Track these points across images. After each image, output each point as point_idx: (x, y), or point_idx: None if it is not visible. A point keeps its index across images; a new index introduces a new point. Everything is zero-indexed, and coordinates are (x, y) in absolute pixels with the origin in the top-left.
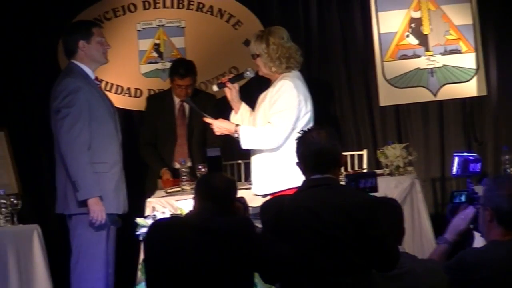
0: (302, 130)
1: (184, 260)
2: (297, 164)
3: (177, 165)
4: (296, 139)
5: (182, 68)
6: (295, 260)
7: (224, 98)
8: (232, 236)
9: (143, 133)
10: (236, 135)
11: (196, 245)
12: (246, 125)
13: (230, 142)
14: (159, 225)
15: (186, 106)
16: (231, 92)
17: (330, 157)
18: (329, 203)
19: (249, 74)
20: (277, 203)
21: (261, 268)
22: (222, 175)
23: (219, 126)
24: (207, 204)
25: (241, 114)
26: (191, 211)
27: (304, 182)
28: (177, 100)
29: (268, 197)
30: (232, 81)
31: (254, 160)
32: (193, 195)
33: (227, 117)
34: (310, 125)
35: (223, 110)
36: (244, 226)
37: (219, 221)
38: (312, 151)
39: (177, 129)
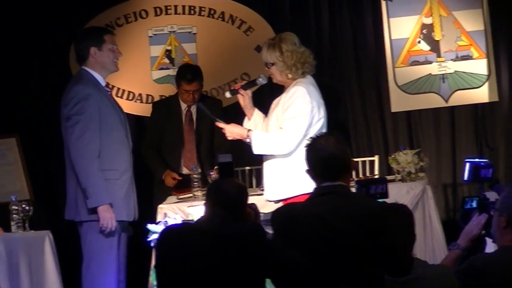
0: (311, 137)
1: (195, 266)
2: (307, 171)
3: (185, 171)
4: (305, 146)
5: (189, 73)
6: (306, 266)
7: (236, 104)
8: (243, 242)
9: (146, 138)
10: (248, 140)
11: (207, 251)
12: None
13: (241, 148)
14: (170, 231)
15: (193, 111)
16: (244, 98)
17: (340, 163)
18: (340, 211)
19: (262, 81)
20: (288, 211)
21: (272, 274)
22: (233, 181)
23: (231, 131)
24: (218, 210)
25: (254, 120)
26: (202, 217)
27: (315, 189)
28: (183, 106)
29: (280, 203)
30: (244, 87)
31: (266, 165)
32: (204, 201)
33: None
34: (323, 131)
35: (234, 116)
36: (255, 232)
37: (230, 227)
38: (321, 158)
39: (185, 135)
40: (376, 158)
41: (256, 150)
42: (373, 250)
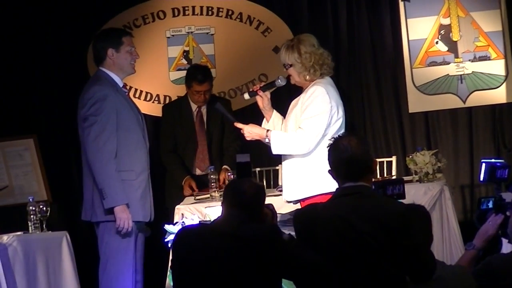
0: (333, 138)
1: (212, 267)
2: (329, 171)
3: (198, 171)
4: (327, 146)
5: (199, 73)
6: (324, 266)
7: (254, 106)
8: (259, 243)
9: (162, 143)
10: (267, 140)
11: (224, 252)
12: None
13: (259, 148)
14: (186, 232)
15: (204, 112)
16: (263, 100)
17: (362, 164)
18: (363, 212)
19: (280, 82)
20: (310, 211)
21: (289, 274)
22: (250, 181)
23: (250, 131)
24: (235, 210)
25: (272, 122)
26: (218, 217)
27: (337, 190)
28: (194, 107)
29: (299, 204)
30: (263, 89)
31: (285, 166)
32: (221, 201)
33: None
34: (342, 131)
35: (251, 117)
36: (271, 233)
37: (246, 228)
38: (344, 159)
39: (197, 136)
40: (393, 159)
41: (275, 150)
42: (395, 251)
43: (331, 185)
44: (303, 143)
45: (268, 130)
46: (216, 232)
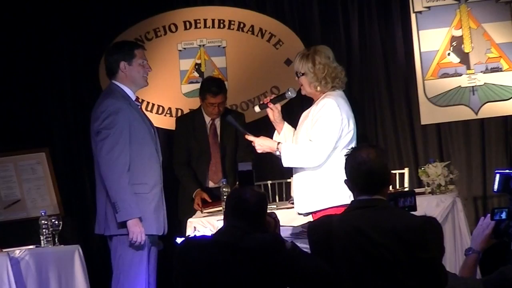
0: (352, 148)
1: (216, 279)
2: (345, 182)
3: (211, 184)
4: (345, 156)
5: (214, 86)
6: (328, 273)
7: (265, 118)
8: (263, 254)
9: (175, 153)
10: (278, 153)
11: (227, 264)
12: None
13: (271, 161)
14: (189, 244)
15: (217, 124)
16: (273, 113)
17: (380, 177)
18: (378, 224)
19: (291, 94)
20: (325, 223)
21: (294, 284)
22: (253, 190)
23: (261, 144)
24: (237, 221)
25: (284, 134)
26: (221, 228)
27: (352, 202)
28: (208, 119)
29: (310, 216)
30: (273, 101)
31: (296, 178)
32: (224, 212)
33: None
34: (353, 144)
35: (264, 129)
36: (274, 243)
37: (249, 240)
38: (362, 171)
39: (210, 148)
40: (406, 171)
41: (286, 162)
42: (411, 264)
43: (343, 198)
44: (313, 155)
45: (279, 143)
46: (219, 244)
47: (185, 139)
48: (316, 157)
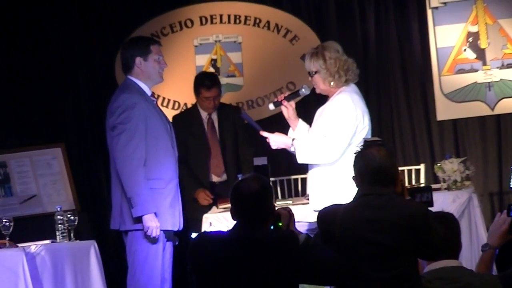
0: (362, 144)
1: (228, 274)
2: (353, 178)
3: (214, 178)
4: (354, 153)
5: (207, 79)
6: (340, 264)
7: (280, 115)
8: (277, 249)
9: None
10: (292, 149)
11: (240, 259)
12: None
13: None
14: (203, 240)
15: (214, 119)
16: (288, 110)
17: (388, 176)
18: (382, 212)
19: (305, 92)
20: (332, 212)
21: (308, 277)
22: (254, 178)
23: (275, 140)
24: (242, 216)
25: (298, 131)
26: (234, 225)
27: (358, 191)
28: (204, 115)
29: None
30: (288, 99)
31: (311, 174)
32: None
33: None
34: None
35: (279, 126)
36: (287, 239)
37: (262, 233)
38: (371, 168)
39: (209, 142)
40: (422, 167)
41: (301, 159)
42: (413, 247)
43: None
44: (328, 152)
45: (293, 139)
46: (233, 240)
47: (181, 136)
48: (330, 153)
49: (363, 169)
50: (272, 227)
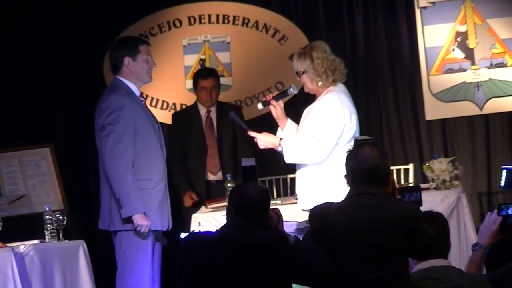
0: (355, 144)
1: (220, 277)
2: (345, 177)
3: (210, 176)
4: (347, 152)
5: (205, 70)
6: (331, 267)
7: (268, 115)
8: (266, 251)
9: (173, 151)
10: (280, 149)
11: (231, 262)
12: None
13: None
14: (192, 240)
15: (213, 117)
16: (276, 109)
17: (380, 176)
18: (375, 212)
19: (293, 91)
20: (324, 211)
21: (298, 279)
22: (255, 184)
23: (263, 140)
24: (240, 218)
25: (287, 130)
26: (225, 225)
27: (350, 191)
28: (203, 112)
29: None
30: (276, 98)
31: (299, 174)
32: (226, 207)
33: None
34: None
35: (267, 125)
36: (277, 239)
37: (252, 237)
38: (363, 167)
39: (207, 140)
40: (410, 166)
41: (288, 158)
42: (405, 247)
43: (345, 193)
44: (315, 152)
45: (281, 139)
46: (223, 241)
47: (180, 134)
48: (318, 153)
49: (356, 169)
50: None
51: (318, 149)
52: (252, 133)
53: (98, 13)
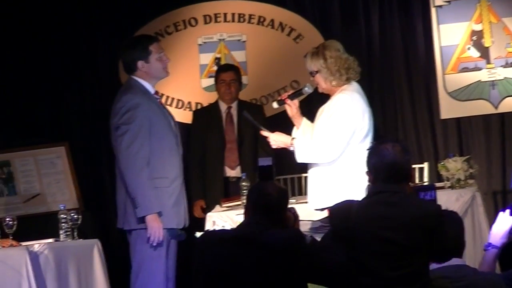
0: (377, 141)
1: (237, 274)
2: (367, 173)
3: (228, 172)
4: (368, 149)
5: (226, 64)
6: (347, 267)
7: (283, 114)
8: (283, 249)
9: (193, 149)
10: (292, 148)
11: (248, 259)
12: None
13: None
14: (209, 238)
15: (234, 113)
16: (291, 108)
17: (403, 171)
18: (396, 210)
19: (308, 90)
20: (345, 209)
21: (315, 278)
22: (274, 184)
23: (275, 139)
24: (258, 216)
25: (302, 129)
26: (242, 222)
27: (371, 188)
28: (224, 108)
29: (325, 211)
30: (291, 97)
31: (311, 173)
32: (244, 206)
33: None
34: (368, 138)
35: (283, 124)
36: (294, 238)
37: (269, 235)
38: (385, 164)
39: (226, 135)
40: (425, 165)
41: (300, 158)
42: (425, 246)
43: (356, 193)
44: (326, 151)
45: (293, 138)
46: (240, 239)
47: (200, 131)
48: (329, 153)
49: (378, 165)
50: None
51: (329, 149)
52: (264, 133)
53: (114, 12)
